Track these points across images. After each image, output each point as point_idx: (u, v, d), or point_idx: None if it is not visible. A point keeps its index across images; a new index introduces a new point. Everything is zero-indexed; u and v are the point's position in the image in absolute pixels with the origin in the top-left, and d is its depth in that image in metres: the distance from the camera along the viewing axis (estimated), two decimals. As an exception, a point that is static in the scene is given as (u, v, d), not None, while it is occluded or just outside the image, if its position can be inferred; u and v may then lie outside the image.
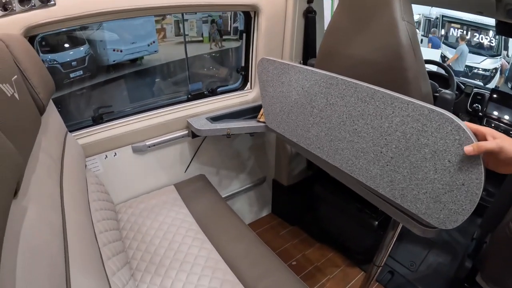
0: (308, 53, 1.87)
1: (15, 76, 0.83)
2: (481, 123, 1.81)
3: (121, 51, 4.10)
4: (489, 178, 1.70)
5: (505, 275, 1.30)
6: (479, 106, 1.80)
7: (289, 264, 2.03)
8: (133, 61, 4.38)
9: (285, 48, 1.78)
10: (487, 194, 1.80)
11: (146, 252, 1.32)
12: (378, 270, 1.31)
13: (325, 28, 1.63)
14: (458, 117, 1.85)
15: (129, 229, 1.42)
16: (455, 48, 6.75)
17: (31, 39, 1.26)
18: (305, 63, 1.79)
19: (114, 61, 4.06)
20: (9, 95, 0.74)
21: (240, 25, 1.82)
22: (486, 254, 1.48)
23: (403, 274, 1.85)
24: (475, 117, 1.85)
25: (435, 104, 1.39)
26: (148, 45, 4.37)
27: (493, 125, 1.75)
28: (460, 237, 2.20)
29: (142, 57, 4.42)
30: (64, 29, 1.30)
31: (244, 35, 1.76)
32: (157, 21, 4.63)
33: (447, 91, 1.41)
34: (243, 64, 1.85)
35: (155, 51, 4.43)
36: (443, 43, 7.46)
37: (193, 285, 1.19)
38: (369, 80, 1.43)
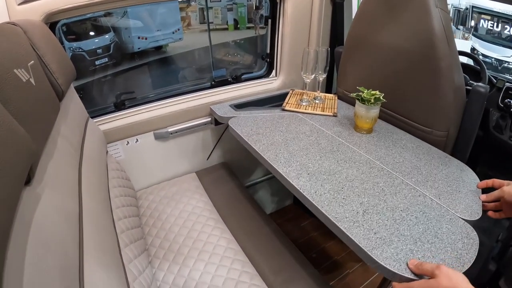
0: (335, 41, 1.81)
1: (32, 62, 0.82)
2: None
3: (146, 38, 4.12)
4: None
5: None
6: (511, 102, 1.71)
7: (309, 256, 2.00)
8: (158, 48, 4.39)
9: (311, 35, 1.73)
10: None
11: (165, 240, 1.31)
12: None
13: (353, 16, 1.57)
14: (489, 112, 1.79)
15: (149, 216, 1.43)
16: (485, 40, 6.49)
17: (53, 26, 1.26)
18: (332, 50, 1.73)
19: (139, 48, 4.08)
20: (24, 80, 0.74)
21: (265, 11, 1.77)
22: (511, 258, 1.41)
23: None
24: (506, 113, 1.76)
25: (468, 97, 1.33)
26: (173, 33, 4.37)
27: None
28: (484, 238, 2.11)
29: (167, 45, 4.42)
30: (87, 16, 1.31)
31: (270, 21, 1.72)
32: (181, 9, 4.61)
33: (481, 84, 1.33)
34: (268, 51, 1.80)
35: (180, 39, 4.42)
36: (473, 35, 7.18)
37: (211, 275, 1.18)
38: (400, 69, 1.38)
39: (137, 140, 1.49)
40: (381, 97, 1.31)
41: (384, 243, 0.85)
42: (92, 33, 3.64)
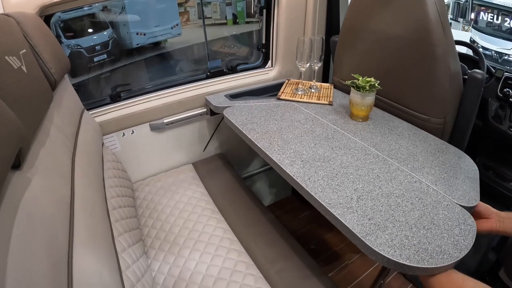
0: (331, 30, 1.80)
1: (24, 50, 0.85)
2: (511, 109, 1.71)
3: (144, 34, 4.09)
4: None
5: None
6: (510, 91, 1.69)
7: (307, 247, 1.99)
8: (157, 44, 4.37)
9: (307, 24, 1.72)
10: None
11: (161, 230, 1.31)
12: None
13: (349, 4, 1.56)
14: (488, 102, 1.77)
15: (145, 207, 1.43)
16: (485, 33, 6.48)
17: (48, 20, 1.30)
18: (327, 40, 1.71)
19: (137, 44, 4.06)
20: (15, 67, 0.75)
21: (262, 1, 1.76)
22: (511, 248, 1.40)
23: None
24: (505, 103, 1.74)
25: (465, 85, 1.32)
26: (172, 28, 4.34)
27: None
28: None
29: (165, 40, 4.40)
30: (85, 12, 1.31)
31: (265, 11, 1.71)
32: (180, 4, 4.58)
33: (477, 70, 1.31)
34: (264, 42, 1.79)
35: (179, 34, 4.40)
36: (473, 27, 7.17)
37: (206, 264, 1.18)
38: (395, 56, 1.37)
39: (133, 131, 1.49)
40: (376, 84, 1.31)
41: (379, 229, 0.84)
42: (90, 30, 3.63)
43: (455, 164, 1.13)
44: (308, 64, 1.51)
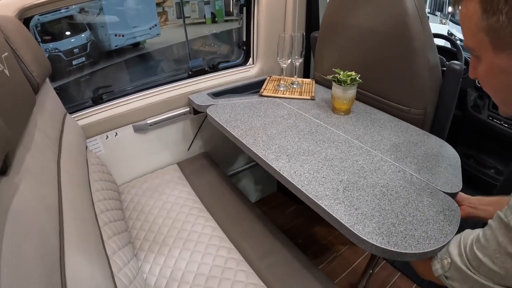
0: (311, 26, 1.82)
1: (6, 53, 0.84)
2: (490, 98, 1.76)
3: (123, 35, 4.05)
4: (497, 155, 1.65)
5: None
6: None
7: (296, 242, 2.01)
8: (136, 45, 4.32)
9: (287, 21, 1.74)
10: (496, 172, 1.76)
11: (150, 232, 1.31)
12: None
13: (328, 0, 1.58)
14: (467, 93, 1.82)
15: (132, 209, 1.42)
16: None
17: (27, 22, 1.28)
18: (308, 36, 1.73)
19: (116, 46, 4.01)
20: None
21: None
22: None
23: None
24: (483, 93, 1.80)
25: (444, 77, 1.36)
26: (150, 29, 4.30)
27: None
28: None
29: (144, 41, 4.36)
30: (62, 14, 1.29)
31: (245, 9, 1.72)
32: (158, 4, 4.55)
33: (456, 61, 1.35)
34: (244, 39, 1.80)
35: (157, 34, 4.36)
36: (450, 20, 7.32)
37: (197, 263, 1.18)
38: (375, 50, 1.39)
39: (116, 133, 1.48)
40: (357, 78, 1.33)
41: (366, 218, 0.86)
42: (68, 33, 3.57)
43: (437, 153, 1.16)
44: (289, 60, 1.53)
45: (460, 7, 0.58)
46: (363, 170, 1.05)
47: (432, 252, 0.78)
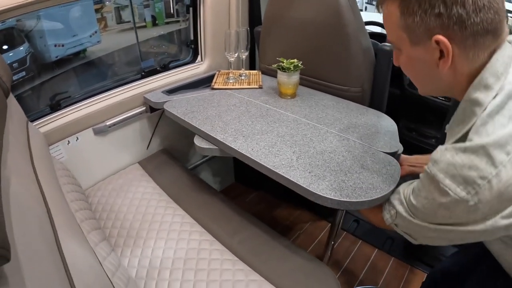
0: (254, 21, 1.93)
1: None
2: None
3: (63, 45, 3.92)
4: (436, 126, 1.82)
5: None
6: None
7: (260, 226, 2.11)
8: (77, 54, 4.19)
9: (231, 18, 1.83)
10: (436, 141, 1.96)
11: (122, 228, 1.35)
12: (341, 220, 1.43)
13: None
14: (402, 73, 2.01)
15: (101, 210, 1.44)
16: None
17: None
18: (251, 30, 1.85)
19: (56, 57, 3.88)
20: None
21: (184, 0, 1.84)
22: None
23: (367, 221, 1.99)
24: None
25: (376, 57, 1.51)
26: (90, 36, 4.19)
27: None
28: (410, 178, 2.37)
29: (85, 50, 4.23)
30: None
31: (191, 9, 1.79)
32: (96, 11, 4.43)
33: (386, 43, 1.52)
34: (192, 38, 1.87)
35: (98, 42, 4.25)
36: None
37: (173, 249, 1.24)
38: (314, 39, 1.53)
39: (77, 138, 1.50)
40: (299, 64, 1.46)
41: (319, 179, 1.00)
42: (5, 47, 3.42)
43: (375, 122, 1.32)
44: (236, 54, 1.63)
45: (382, 9, 0.72)
46: (312, 141, 1.19)
47: (378, 199, 0.92)
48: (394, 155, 1.14)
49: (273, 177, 1.07)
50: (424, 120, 2.07)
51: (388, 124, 1.32)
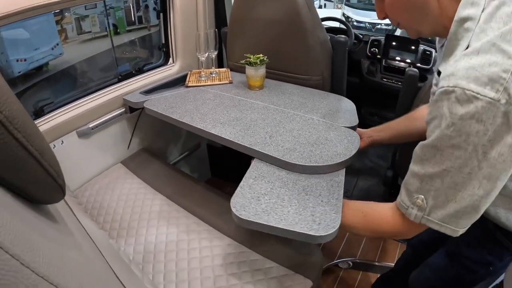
0: (220, 22, 2.07)
1: None
2: (380, 63, 2.19)
3: (25, 60, 3.88)
4: (392, 107, 2.00)
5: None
6: (377, 50, 2.17)
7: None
8: (39, 68, 4.16)
9: (199, 21, 1.95)
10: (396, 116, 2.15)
11: (114, 222, 1.43)
12: None
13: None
14: (360, 63, 2.21)
15: (91, 208, 1.51)
16: (357, 8, 7.48)
17: None
18: (219, 31, 1.97)
19: (19, 72, 3.83)
20: None
21: (157, 6, 1.96)
22: (400, 157, 1.81)
23: None
24: (374, 59, 2.21)
25: (333, 48, 1.68)
26: (52, 49, 4.15)
27: (389, 63, 2.15)
28: (382, 162, 2.58)
29: (47, 63, 4.20)
30: None
31: (161, 14, 1.90)
32: (56, 22, 4.41)
33: (341, 35, 1.69)
34: (163, 42, 1.98)
35: (60, 54, 4.21)
36: (346, 5, 8.05)
37: (164, 234, 1.35)
38: (276, 36, 1.69)
39: (62, 142, 1.56)
40: (264, 59, 1.62)
41: (290, 151, 1.15)
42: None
43: (336, 104, 1.50)
44: (206, 54, 1.76)
45: None
46: (282, 122, 1.35)
47: (343, 162, 1.10)
48: (353, 129, 1.31)
49: (250, 154, 1.22)
50: (383, 104, 2.26)
51: (347, 105, 1.50)
